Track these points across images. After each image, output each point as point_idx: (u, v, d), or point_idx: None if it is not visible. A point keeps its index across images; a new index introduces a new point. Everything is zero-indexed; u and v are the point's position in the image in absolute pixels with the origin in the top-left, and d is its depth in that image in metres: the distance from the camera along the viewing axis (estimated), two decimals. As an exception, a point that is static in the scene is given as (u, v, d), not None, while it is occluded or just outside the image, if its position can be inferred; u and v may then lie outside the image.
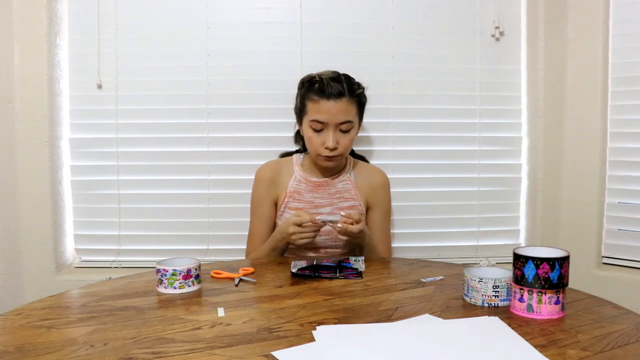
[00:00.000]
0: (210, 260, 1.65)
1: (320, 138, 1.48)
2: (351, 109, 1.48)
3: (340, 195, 1.57)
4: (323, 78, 1.48)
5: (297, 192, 1.56)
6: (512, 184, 1.94)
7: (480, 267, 1.11)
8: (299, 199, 1.56)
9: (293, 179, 1.58)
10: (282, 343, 0.86)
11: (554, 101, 1.86)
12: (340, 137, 1.48)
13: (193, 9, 1.83)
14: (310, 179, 1.57)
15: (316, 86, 1.47)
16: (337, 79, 1.48)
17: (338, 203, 1.57)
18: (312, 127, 1.48)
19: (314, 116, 1.47)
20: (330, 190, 1.57)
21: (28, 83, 1.76)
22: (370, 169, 1.66)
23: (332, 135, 1.46)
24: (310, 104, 1.48)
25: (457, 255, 1.93)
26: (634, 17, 1.75)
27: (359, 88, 1.51)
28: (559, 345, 0.84)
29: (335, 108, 1.45)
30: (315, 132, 1.48)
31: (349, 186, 1.58)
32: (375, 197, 1.61)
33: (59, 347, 0.85)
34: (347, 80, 1.50)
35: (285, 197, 1.56)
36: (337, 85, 1.46)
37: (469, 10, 1.88)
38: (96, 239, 1.89)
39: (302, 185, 1.57)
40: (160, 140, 1.86)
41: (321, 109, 1.45)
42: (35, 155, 1.78)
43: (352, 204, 1.57)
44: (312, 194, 1.56)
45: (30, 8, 1.74)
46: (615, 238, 1.82)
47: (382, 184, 1.62)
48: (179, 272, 1.13)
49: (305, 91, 1.51)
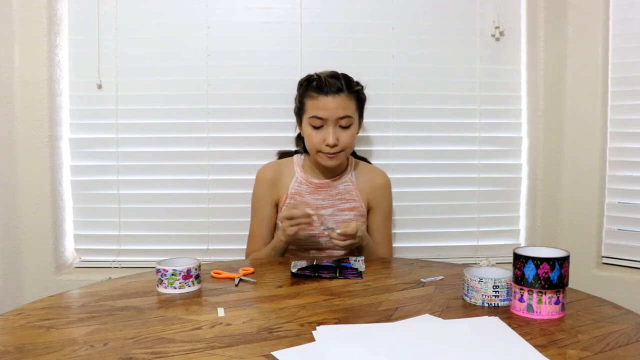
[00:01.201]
0: (210, 260, 1.65)
1: (320, 135, 1.48)
2: (350, 105, 1.48)
3: (341, 196, 1.57)
4: (321, 76, 1.49)
5: (298, 193, 1.56)
6: (512, 184, 1.94)
7: (480, 267, 1.11)
8: (299, 200, 1.56)
9: (294, 180, 1.58)
10: (282, 343, 0.85)
11: (554, 101, 1.86)
12: (340, 134, 1.48)
13: (193, 9, 1.83)
14: (312, 180, 1.57)
15: (314, 84, 1.49)
16: (335, 76, 1.50)
17: (339, 205, 1.57)
18: (311, 125, 1.48)
19: (313, 112, 1.47)
20: (332, 192, 1.57)
21: (28, 83, 1.76)
22: (372, 170, 1.66)
23: (332, 131, 1.46)
24: (309, 101, 1.49)
25: (457, 255, 1.93)
26: (634, 17, 1.75)
27: (357, 85, 1.53)
28: (559, 345, 0.84)
29: (333, 103, 1.45)
30: (315, 130, 1.48)
31: (350, 187, 1.58)
32: (377, 198, 1.61)
33: (59, 347, 0.85)
34: (345, 78, 1.51)
35: (287, 199, 1.56)
36: (335, 82, 1.47)
37: (469, 10, 1.88)
38: (96, 239, 1.89)
39: (303, 186, 1.57)
40: (160, 140, 1.86)
41: (320, 105, 1.46)
42: (35, 155, 1.78)
43: (353, 206, 1.57)
44: (313, 196, 1.56)
45: (30, 8, 1.74)
46: (615, 238, 1.82)
47: (384, 185, 1.62)
48: (179, 272, 1.13)
49: (303, 90, 1.52)
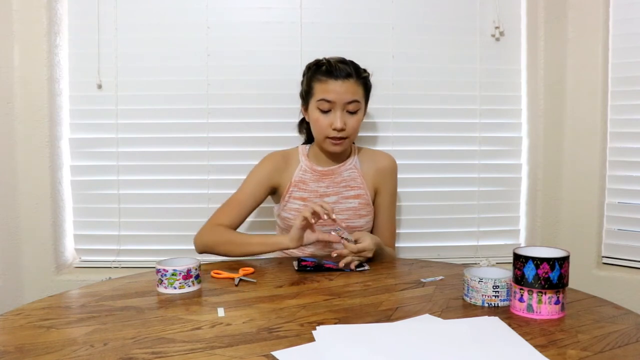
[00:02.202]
0: (210, 260, 1.65)
1: (328, 119, 1.48)
2: (358, 90, 1.49)
3: (346, 184, 1.57)
4: (330, 60, 1.50)
5: (302, 181, 1.56)
6: (512, 184, 1.94)
7: (480, 267, 1.11)
8: (303, 188, 1.55)
9: (298, 168, 1.58)
10: (282, 343, 0.86)
11: (554, 101, 1.86)
12: (347, 119, 1.48)
13: (193, 9, 1.83)
14: (316, 168, 1.57)
15: (324, 68, 1.49)
16: (344, 62, 1.50)
17: (343, 192, 1.56)
18: (319, 108, 1.48)
19: (321, 95, 1.47)
20: (336, 179, 1.57)
21: (28, 83, 1.76)
22: (376, 154, 1.65)
23: (339, 115, 1.47)
24: (318, 85, 1.49)
25: (457, 255, 1.93)
26: (634, 17, 1.75)
27: (364, 72, 1.53)
28: (559, 345, 0.85)
29: (343, 87, 1.46)
30: (323, 114, 1.48)
31: (355, 174, 1.58)
32: (382, 180, 1.60)
33: (59, 347, 0.85)
34: (354, 64, 1.52)
35: (290, 187, 1.55)
36: (344, 67, 1.48)
37: (469, 10, 1.88)
38: (96, 239, 1.89)
39: (307, 174, 1.56)
40: (160, 140, 1.86)
41: (329, 88, 1.46)
42: (35, 155, 1.78)
43: (358, 193, 1.56)
44: (317, 184, 1.56)
45: (30, 8, 1.74)
46: (615, 238, 1.82)
47: (389, 167, 1.61)
48: (179, 272, 1.13)
49: (312, 73, 1.52)
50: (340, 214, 1.54)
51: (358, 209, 1.56)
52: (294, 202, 1.54)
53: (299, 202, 1.54)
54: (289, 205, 1.55)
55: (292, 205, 1.54)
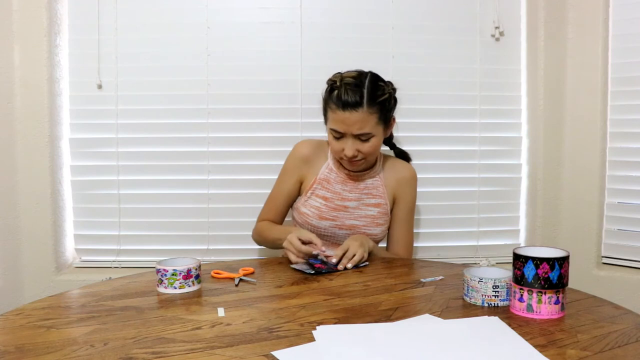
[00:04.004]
0: (210, 260, 1.65)
1: (340, 145, 1.45)
2: (369, 120, 1.40)
3: (368, 191, 1.55)
4: (343, 83, 1.41)
5: (326, 180, 1.54)
6: (512, 184, 1.94)
7: (480, 267, 1.11)
8: (327, 187, 1.54)
9: (325, 165, 1.56)
10: (282, 343, 0.86)
11: (554, 101, 1.86)
12: (359, 145, 1.44)
13: (193, 9, 1.83)
14: (342, 169, 1.55)
15: (335, 93, 1.42)
16: (358, 84, 1.41)
17: (365, 199, 1.54)
18: (332, 134, 1.47)
19: (332, 125, 1.45)
20: (360, 185, 1.55)
21: (28, 83, 1.76)
22: (399, 164, 1.63)
23: (350, 143, 1.43)
24: (330, 112, 1.45)
25: (457, 255, 1.93)
26: (634, 17, 1.75)
27: (382, 94, 1.43)
28: (558, 345, 0.85)
29: (351, 119, 1.39)
30: (336, 139, 1.46)
31: (377, 183, 1.56)
32: (401, 190, 1.58)
33: (59, 347, 0.85)
34: (371, 85, 1.42)
35: (314, 183, 1.54)
36: (354, 95, 1.39)
37: (469, 10, 1.88)
38: (96, 239, 1.89)
39: (332, 174, 1.55)
40: (160, 140, 1.86)
41: (338, 119, 1.42)
42: (35, 155, 1.78)
43: (379, 202, 1.55)
44: (341, 186, 1.54)
45: (30, 8, 1.74)
46: (615, 238, 1.82)
47: (409, 178, 1.59)
48: (179, 272, 1.13)
49: (326, 96, 1.47)
50: (359, 220, 1.53)
51: (376, 218, 1.54)
52: (316, 200, 1.53)
53: (321, 201, 1.53)
54: (310, 202, 1.53)
55: (313, 202, 1.53)
